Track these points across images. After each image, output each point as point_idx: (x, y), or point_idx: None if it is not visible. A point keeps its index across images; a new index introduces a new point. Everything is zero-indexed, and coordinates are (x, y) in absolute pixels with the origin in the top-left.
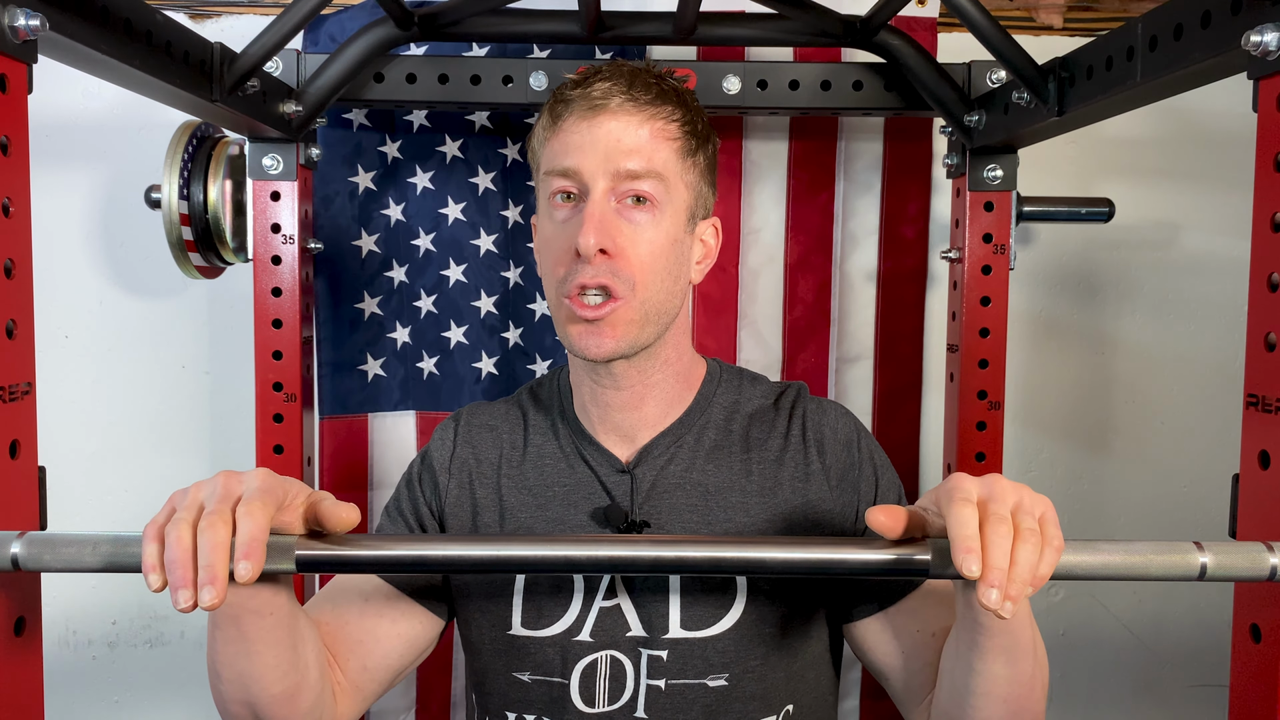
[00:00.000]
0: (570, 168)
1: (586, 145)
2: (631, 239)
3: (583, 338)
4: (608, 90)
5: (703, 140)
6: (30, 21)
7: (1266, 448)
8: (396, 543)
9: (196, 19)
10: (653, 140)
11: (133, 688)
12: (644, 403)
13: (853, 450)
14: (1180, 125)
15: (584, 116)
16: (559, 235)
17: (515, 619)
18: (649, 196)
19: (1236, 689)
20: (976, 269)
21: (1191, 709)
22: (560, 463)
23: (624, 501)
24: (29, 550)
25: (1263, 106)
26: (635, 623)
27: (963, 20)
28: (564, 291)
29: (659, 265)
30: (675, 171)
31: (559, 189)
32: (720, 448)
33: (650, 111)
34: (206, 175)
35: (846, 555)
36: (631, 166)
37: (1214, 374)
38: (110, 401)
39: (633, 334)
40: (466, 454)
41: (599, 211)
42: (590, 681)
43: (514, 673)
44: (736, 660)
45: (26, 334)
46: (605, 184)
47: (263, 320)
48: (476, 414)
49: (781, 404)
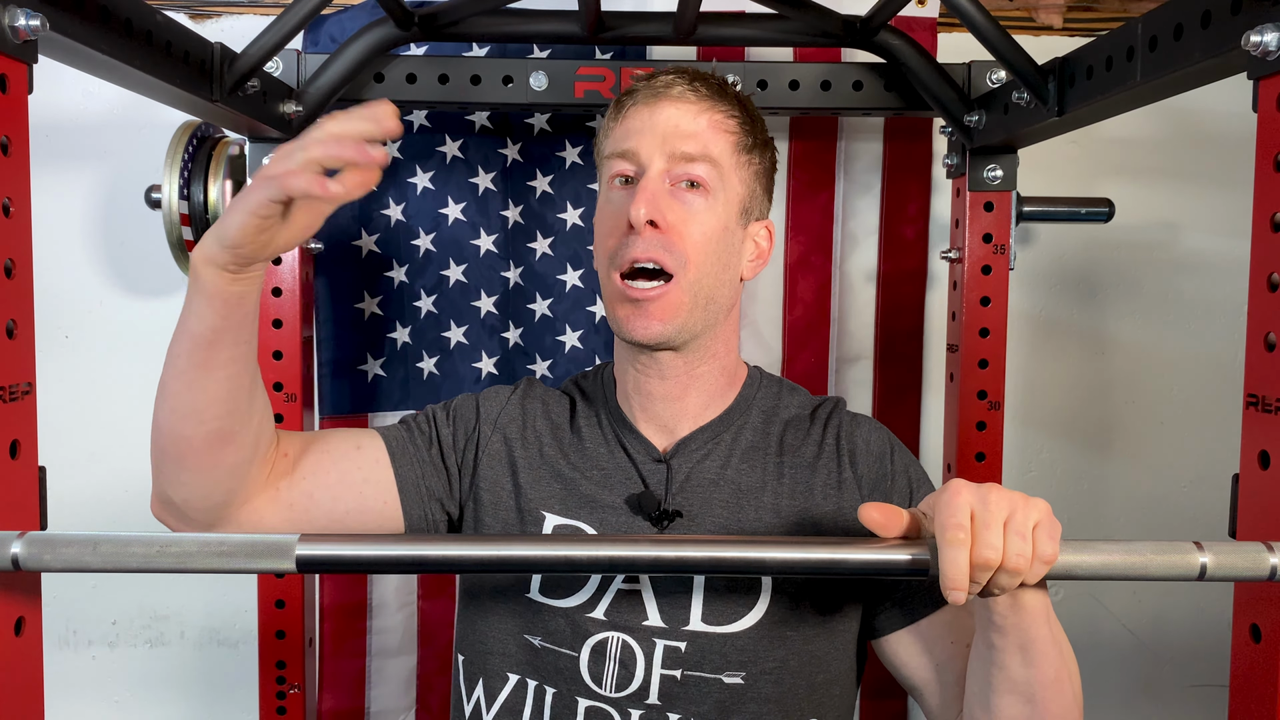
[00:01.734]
0: (629, 149)
1: (646, 129)
2: (683, 217)
3: (630, 319)
4: (671, 80)
5: (760, 144)
6: (30, 21)
7: (1266, 448)
8: (397, 543)
9: (196, 19)
10: (710, 129)
11: (133, 688)
12: (686, 394)
13: (885, 462)
14: (1180, 125)
15: (646, 103)
16: (613, 212)
17: (534, 583)
18: (702, 181)
19: (1236, 689)
20: (976, 269)
21: (1191, 709)
22: (601, 446)
23: (658, 490)
24: (29, 550)
25: (1263, 106)
26: (654, 612)
27: (963, 20)
28: (615, 265)
29: (710, 248)
30: (730, 163)
31: (617, 172)
32: (756, 449)
33: (710, 103)
34: (207, 175)
35: (846, 555)
36: (687, 149)
37: (1214, 374)
38: (110, 401)
39: (681, 318)
40: (516, 414)
41: (652, 186)
42: (600, 660)
43: (526, 634)
44: (754, 659)
45: (26, 334)
46: (661, 165)
47: (263, 320)
48: (533, 388)
49: (818, 414)
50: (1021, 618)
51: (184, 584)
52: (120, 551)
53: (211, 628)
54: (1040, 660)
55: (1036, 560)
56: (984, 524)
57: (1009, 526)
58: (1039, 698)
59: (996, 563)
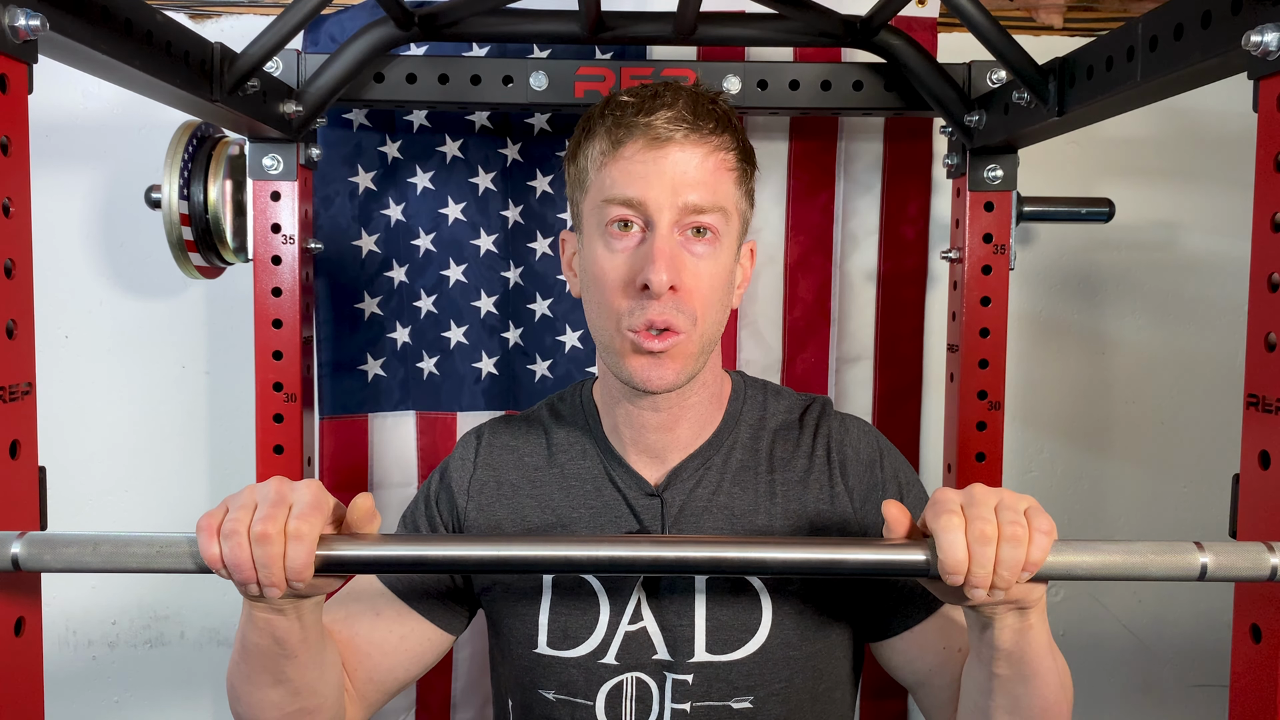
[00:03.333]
0: (634, 198)
1: (652, 176)
2: (695, 273)
3: (645, 370)
4: (672, 120)
5: (751, 164)
6: (30, 21)
7: (1266, 448)
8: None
9: (196, 19)
10: (715, 173)
11: (133, 688)
12: (679, 424)
13: (875, 471)
14: (1180, 125)
15: (649, 146)
16: (620, 266)
17: (541, 639)
18: (711, 228)
19: (1236, 689)
20: (976, 269)
21: (1191, 709)
22: (587, 484)
23: (653, 526)
24: (29, 550)
25: (1263, 106)
26: (661, 646)
27: (963, 20)
28: (629, 325)
29: (716, 298)
30: (733, 201)
31: (619, 217)
32: (746, 468)
33: (714, 143)
34: (207, 175)
35: (846, 555)
36: (697, 200)
37: (1214, 374)
38: (110, 401)
39: (691, 366)
40: (486, 476)
41: (668, 247)
42: (616, 703)
43: (539, 689)
44: (761, 683)
45: (26, 334)
46: (671, 217)
47: (263, 320)
48: (497, 434)
49: (806, 420)
50: (1019, 645)
51: (184, 584)
52: (120, 551)
53: (211, 628)
54: (1035, 680)
55: (1036, 532)
56: (973, 503)
57: (999, 506)
58: (1033, 712)
59: (993, 535)
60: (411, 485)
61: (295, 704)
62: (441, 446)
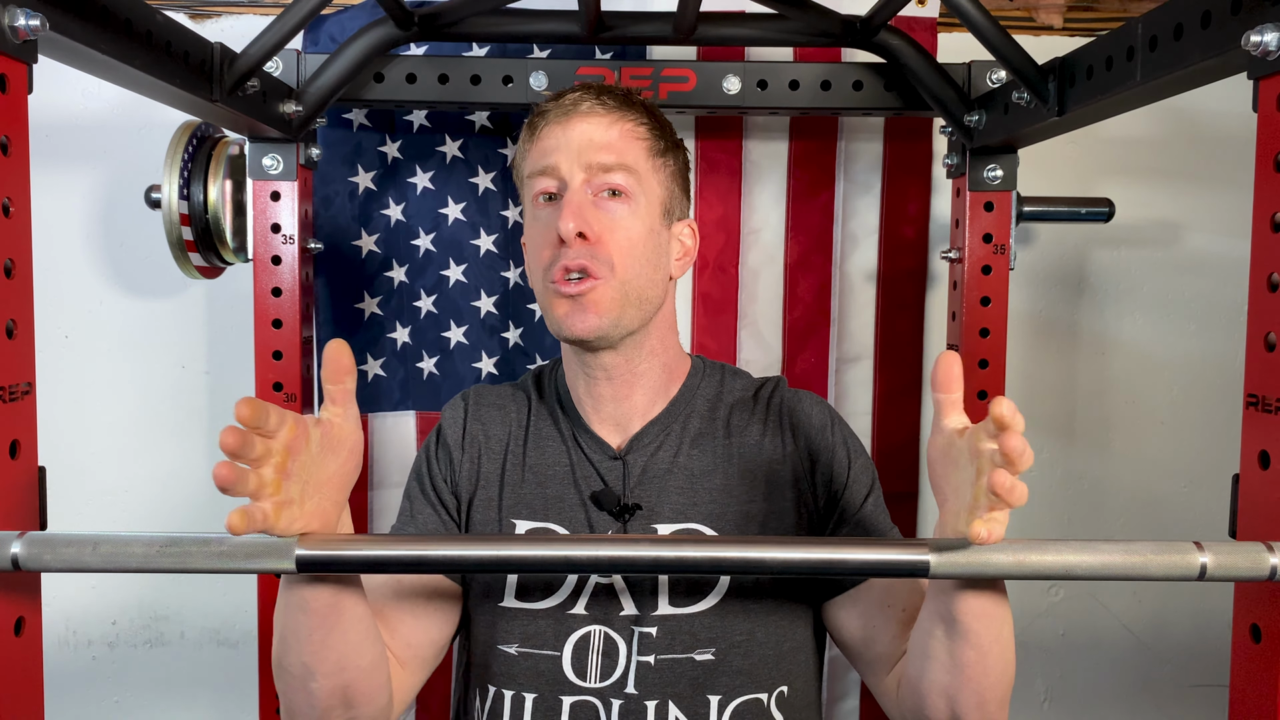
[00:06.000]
0: (549, 165)
1: (562, 145)
2: (609, 226)
3: (569, 316)
4: (578, 98)
5: (671, 147)
6: (30, 21)
7: (1266, 448)
8: (394, 543)
9: (196, 19)
10: (623, 138)
11: (133, 688)
12: (633, 392)
13: (826, 434)
14: (1180, 125)
15: (558, 121)
16: (542, 229)
17: (509, 590)
18: (622, 189)
19: (1236, 689)
20: (976, 269)
21: (1191, 709)
22: (559, 446)
23: (616, 486)
24: (29, 550)
25: (1263, 106)
26: (628, 602)
27: (963, 20)
28: (550, 277)
29: (637, 251)
30: (646, 168)
31: (540, 190)
32: (704, 434)
33: (618, 114)
34: (206, 175)
35: (846, 555)
36: (604, 160)
37: (1214, 374)
38: (110, 401)
39: (615, 312)
40: (477, 430)
41: (577, 199)
42: (583, 655)
43: (499, 645)
44: (722, 635)
45: (26, 334)
46: (582, 176)
47: (263, 320)
48: (484, 394)
49: (760, 395)
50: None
51: (184, 584)
52: (120, 551)
53: (211, 628)
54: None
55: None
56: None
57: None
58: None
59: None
60: None
61: (367, 655)
62: None
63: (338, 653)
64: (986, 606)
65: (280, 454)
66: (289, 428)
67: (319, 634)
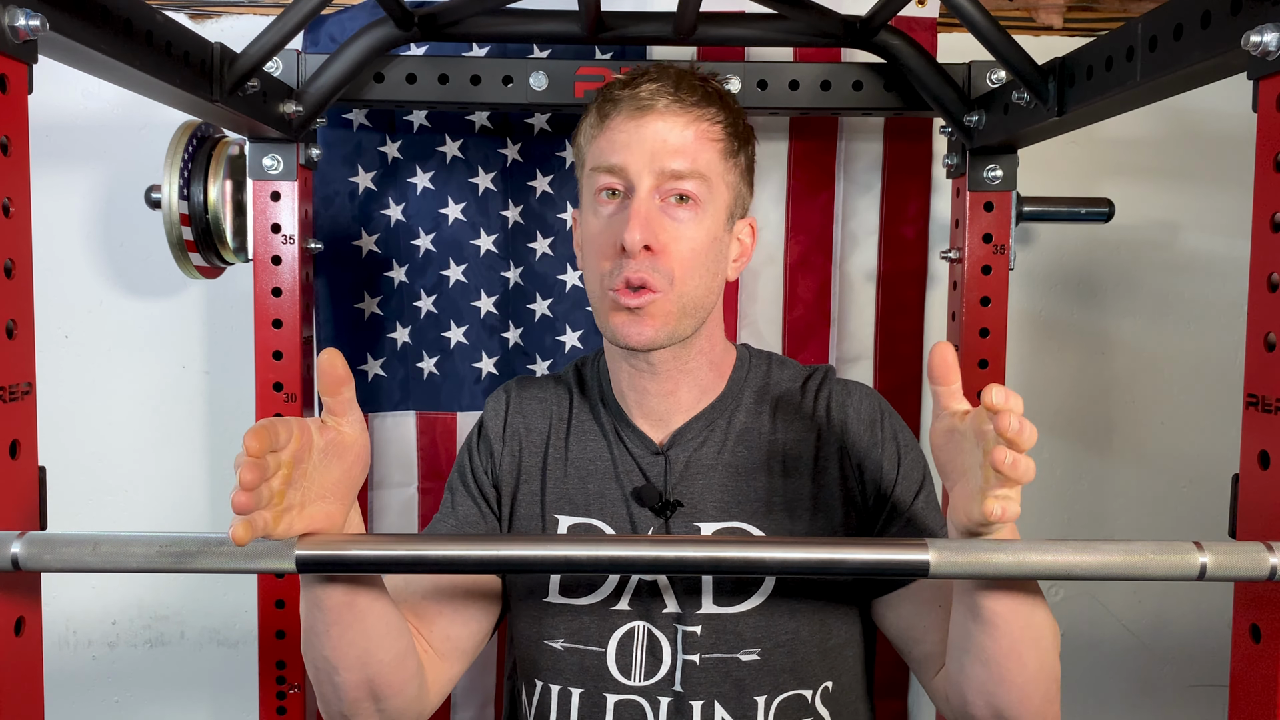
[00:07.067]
0: (616, 165)
1: (634, 144)
2: (674, 236)
3: (625, 326)
4: (655, 91)
5: (743, 141)
6: (30, 21)
7: (1266, 448)
8: (393, 543)
9: (196, 19)
10: (697, 141)
11: (133, 688)
12: (679, 389)
13: (875, 429)
14: (1180, 125)
15: (631, 116)
16: (604, 231)
17: (553, 586)
18: (692, 195)
19: (1236, 689)
20: (976, 269)
21: (1191, 709)
22: (600, 440)
23: (658, 482)
24: (29, 550)
25: (1263, 106)
26: (671, 599)
27: (963, 20)
28: (609, 285)
29: (698, 262)
30: (718, 172)
31: (605, 185)
32: (749, 430)
33: (696, 113)
34: (207, 175)
35: (847, 555)
36: (676, 166)
37: (1214, 374)
38: (110, 401)
39: (671, 325)
40: (518, 422)
41: (644, 209)
42: (626, 652)
43: (545, 640)
44: (768, 635)
45: (26, 334)
46: (650, 182)
47: (263, 320)
48: (526, 386)
49: (809, 387)
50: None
51: (184, 584)
52: (120, 551)
53: (211, 628)
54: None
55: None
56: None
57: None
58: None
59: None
60: (412, 485)
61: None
62: (441, 446)
63: (359, 648)
64: (1013, 596)
65: (287, 465)
66: (295, 439)
67: (336, 630)
